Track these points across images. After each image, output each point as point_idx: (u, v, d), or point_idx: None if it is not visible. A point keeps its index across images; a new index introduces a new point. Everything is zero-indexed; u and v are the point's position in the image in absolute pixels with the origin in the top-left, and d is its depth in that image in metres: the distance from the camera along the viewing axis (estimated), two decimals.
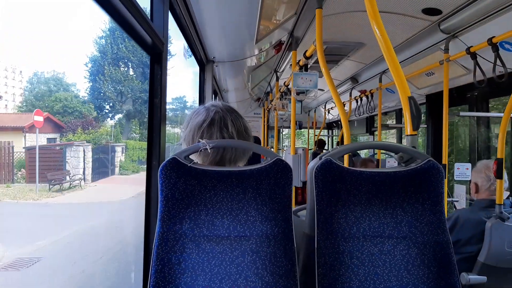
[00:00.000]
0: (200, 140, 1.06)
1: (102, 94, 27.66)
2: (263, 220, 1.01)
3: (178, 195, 1.00)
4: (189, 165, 1.01)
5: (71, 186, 15.84)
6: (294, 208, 1.49)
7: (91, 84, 28.40)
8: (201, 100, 3.45)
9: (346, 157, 2.01)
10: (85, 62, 28.42)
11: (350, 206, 1.06)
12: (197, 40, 2.70)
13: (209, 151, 1.05)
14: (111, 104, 28.71)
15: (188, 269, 1.00)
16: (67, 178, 16.16)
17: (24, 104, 29.45)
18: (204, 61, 3.30)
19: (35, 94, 29.68)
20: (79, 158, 16.86)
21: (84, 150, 17.35)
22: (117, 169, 20.69)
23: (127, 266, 7.00)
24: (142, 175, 21.04)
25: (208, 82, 3.38)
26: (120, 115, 30.19)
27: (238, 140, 1.16)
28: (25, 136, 20.18)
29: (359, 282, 1.03)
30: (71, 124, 23.46)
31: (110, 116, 29.07)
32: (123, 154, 21.66)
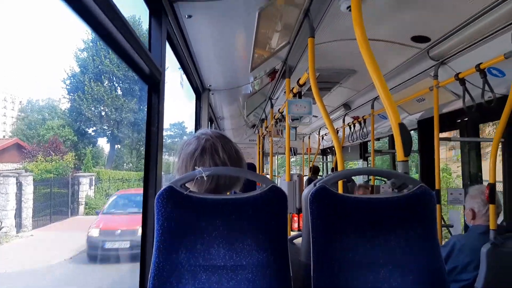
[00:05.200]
0: (196, 167, 1.07)
1: (81, 114, 24.99)
2: (259, 248, 1.00)
3: (174, 224, 0.99)
4: (185, 193, 1.01)
5: None
6: (290, 235, 1.50)
7: (69, 104, 25.85)
8: (197, 127, 3.48)
9: (340, 183, 2.02)
10: (63, 78, 25.68)
11: (345, 233, 1.06)
12: (194, 69, 2.76)
13: (205, 178, 1.05)
14: (90, 126, 25.95)
15: None
16: None
17: (16, 134, 27.80)
18: (200, 90, 3.36)
19: (28, 122, 28.17)
20: (7, 195, 11.86)
21: (18, 183, 12.40)
22: (81, 208, 16.60)
23: None
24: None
25: (204, 110, 3.43)
26: (99, 139, 27.36)
27: (233, 167, 1.18)
28: None
29: None
30: (33, 149, 19.94)
31: (87, 140, 26.21)
32: (92, 188, 17.59)
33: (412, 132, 4.37)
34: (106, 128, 26.43)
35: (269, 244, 1.01)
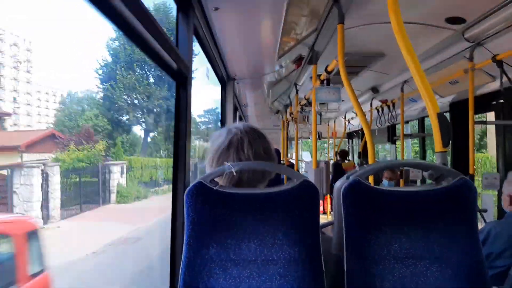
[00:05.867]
0: (226, 162, 1.06)
1: (114, 103, 25.13)
2: (290, 244, 0.99)
3: (205, 219, 0.99)
4: (215, 188, 1.00)
5: None
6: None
7: (103, 93, 26.01)
8: (223, 115, 3.48)
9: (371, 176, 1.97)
10: (95, 68, 26.07)
11: (380, 227, 1.04)
12: (219, 59, 2.73)
13: (234, 174, 1.04)
14: (123, 115, 26.00)
15: None
16: None
17: (57, 125, 28.06)
18: (225, 79, 3.34)
19: (67, 114, 28.44)
20: (32, 186, 11.23)
21: (44, 174, 11.86)
22: (113, 196, 15.59)
23: None
24: (153, 201, 16.96)
25: (229, 99, 3.41)
26: (133, 127, 27.45)
27: (263, 162, 1.14)
28: (21, 156, 17.15)
29: None
30: (66, 140, 19.89)
31: (121, 128, 26.19)
32: (124, 176, 16.73)
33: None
34: (140, 116, 26.56)
35: (300, 239, 1.00)
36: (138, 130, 28.82)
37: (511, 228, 2.13)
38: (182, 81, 1.49)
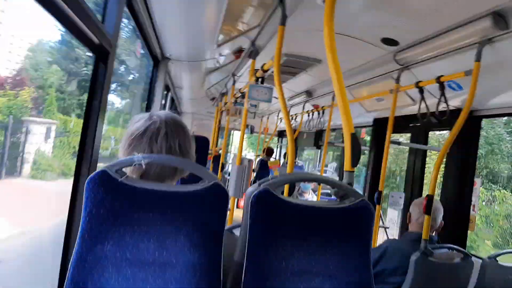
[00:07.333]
0: (135, 153, 1.00)
1: (72, 50, 22.65)
2: (191, 247, 0.95)
3: (104, 212, 0.92)
4: (119, 180, 0.93)
5: None
6: (229, 225, 1.45)
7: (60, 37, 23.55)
8: (150, 95, 3.31)
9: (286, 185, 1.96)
10: None
11: (282, 239, 1.04)
12: (154, 36, 2.57)
13: (143, 166, 0.97)
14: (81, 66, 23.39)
15: None
16: None
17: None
18: (159, 58, 3.17)
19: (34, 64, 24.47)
20: None
21: None
22: (26, 167, 7.71)
23: None
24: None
25: (160, 79, 3.25)
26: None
27: (175, 158, 1.09)
28: None
29: None
30: None
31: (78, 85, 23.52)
32: (49, 140, 12.05)
33: (368, 128, 4.44)
34: None
35: (203, 243, 0.96)
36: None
37: (406, 247, 2.22)
38: (102, 56, 1.35)
